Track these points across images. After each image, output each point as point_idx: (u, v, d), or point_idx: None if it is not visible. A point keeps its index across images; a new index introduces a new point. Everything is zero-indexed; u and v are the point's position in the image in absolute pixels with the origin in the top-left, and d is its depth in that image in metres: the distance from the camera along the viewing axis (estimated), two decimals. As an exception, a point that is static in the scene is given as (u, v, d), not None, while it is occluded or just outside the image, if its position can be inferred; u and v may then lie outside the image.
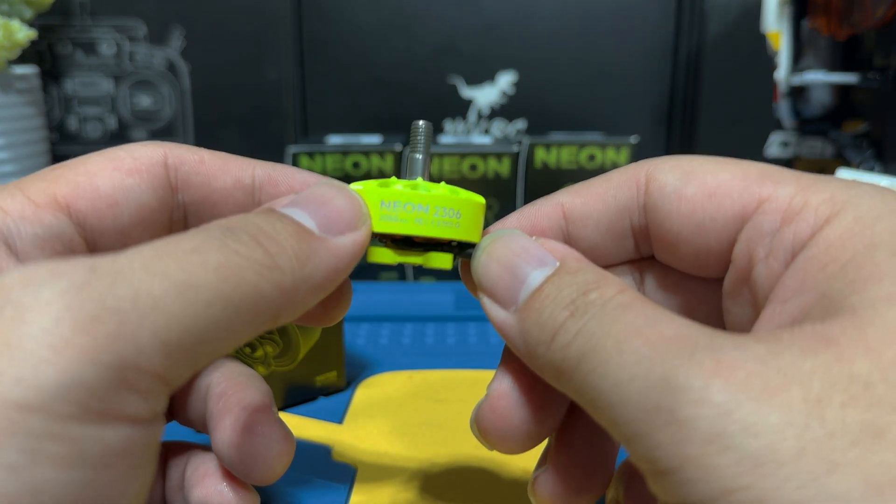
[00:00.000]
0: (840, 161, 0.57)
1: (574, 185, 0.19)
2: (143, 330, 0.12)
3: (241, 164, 0.20)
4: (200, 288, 0.13)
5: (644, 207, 0.18)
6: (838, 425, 0.11)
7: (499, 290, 0.17)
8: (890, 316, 0.12)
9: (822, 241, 0.14)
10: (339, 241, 0.16)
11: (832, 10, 0.46)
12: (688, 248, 0.18)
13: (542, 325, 0.15)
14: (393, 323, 0.43)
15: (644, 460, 0.13)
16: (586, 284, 0.15)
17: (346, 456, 0.29)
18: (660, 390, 0.12)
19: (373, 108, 0.64)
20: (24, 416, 0.11)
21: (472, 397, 0.33)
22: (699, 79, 0.62)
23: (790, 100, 0.51)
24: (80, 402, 0.11)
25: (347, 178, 0.51)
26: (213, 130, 0.64)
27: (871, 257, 0.13)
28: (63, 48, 0.62)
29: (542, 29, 0.63)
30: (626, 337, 0.14)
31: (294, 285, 0.15)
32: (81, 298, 0.12)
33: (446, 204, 0.18)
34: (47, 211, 0.17)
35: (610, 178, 0.19)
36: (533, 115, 0.65)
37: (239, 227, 0.15)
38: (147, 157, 0.19)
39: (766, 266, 0.16)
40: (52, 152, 0.62)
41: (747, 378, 0.12)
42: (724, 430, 0.12)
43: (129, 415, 0.12)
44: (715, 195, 0.17)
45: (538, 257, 0.17)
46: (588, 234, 0.19)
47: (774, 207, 0.16)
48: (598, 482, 0.19)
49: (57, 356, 0.11)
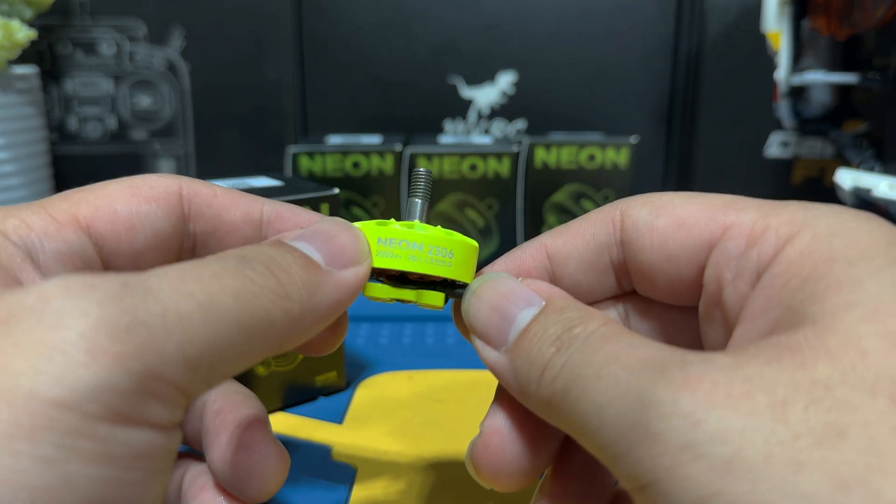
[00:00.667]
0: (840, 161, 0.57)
1: (556, 228, 0.21)
2: (169, 344, 0.13)
3: (251, 200, 0.21)
4: (221, 311, 0.14)
5: (621, 242, 0.19)
6: (802, 427, 0.12)
7: (489, 332, 0.18)
8: (847, 321, 0.13)
9: (784, 260, 0.15)
10: (343, 275, 0.17)
11: (832, 10, 0.46)
12: (662, 277, 0.18)
13: (531, 362, 0.16)
14: (393, 323, 0.43)
15: (627, 479, 0.13)
16: (570, 321, 0.16)
17: (346, 456, 0.29)
18: (636, 408, 0.13)
19: (373, 108, 0.64)
20: (60, 414, 0.12)
21: (472, 397, 0.33)
22: (699, 79, 0.62)
23: (790, 100, 0.51)
24: (110, 404, 0.12)
25: (347, 178, 0.51)
26: (213, 130, 0.64)
27: (829, 270, 0.14)
28: (63, 48, 0.62)
29: (542, 29, 0.63)
30: (605, 363, 0.14)
31: (302, 314, 0.16)
32: (116, 310, 0.13)
33: (440, 244, 0.19)
34: (69, 229, 0.18)
35: (588, 217, 0.20)
36: (533, 115, 0.65)
37: (252, 256, 0.16)
38: (163, 186, 0.20)
39: (734, 288, 0.16)
40: (52, 152, 0.62)
41: (713, 388, 0.13)
42: (694, 440, 0.12)
43: (152, 421, 0.13)
44: (684, 225, 0.18)
45: (525, 298, 0.17)
46: (571, 273, 0.20)
47: (738, 232, 0.17)
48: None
49: (92, 360, 0.12)
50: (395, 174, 0.51)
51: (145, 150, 0.65)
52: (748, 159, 0.63)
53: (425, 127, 0.64)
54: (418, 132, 0.63)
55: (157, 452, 0.13)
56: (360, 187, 0.52)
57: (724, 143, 0.63)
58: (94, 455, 0.12)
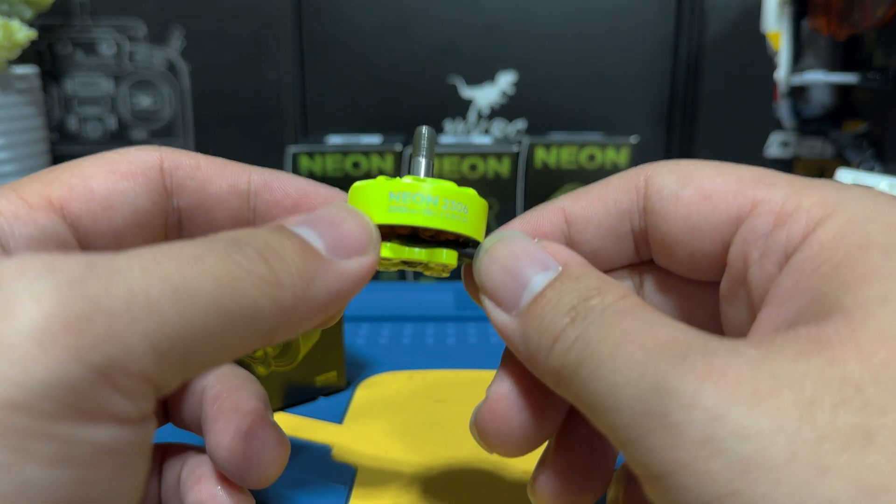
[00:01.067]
0: (840, 161, 0.57)
1: (575, 191, 0.20)
2: (134, 332, 0.12)
3: (237, 169, 0.20)
4: (198, 295, 0.13)
5: (643, 210, 0.18)
6: (829, 429, 0.11)
7: (501, 293, 0.17)
8: (881, 317, 0.12)
9: (815, 243, 0.14)
10: (345, 265, 0.16)
11: (832, 10, 0.46)
12: (685, 250, 0.18)
13: (543, 330, 0.15)
14: (393, 323, 0.43)
15: (639, 465, 0.13)
16: (588, 291, 0.15)
17: (346, 456, 0.29)
18: (652, 394, 0.13)
19: (373, 108, 0.64)
20: (11, 415, 0.11)
21: (472, 397, 0.33)
22: (699, 79, 0.62)
23: (790, 100, 0.51)
24: (67, 401, 0.11)
25: (347, 178, 0.51)
26: (213, 130, 0.64)
27: (862, 258, 0.13)
28: (63, 48, 0.62)
29: (542, 29, 0.63)
30: (622, 342, 0.14)
31: (294, 304, 0.15)
32: (74, 295, 0.12)
33: (454, 197, 0.18)
34: (41, 212, 0.17)
35: (610, 182, 0.19)
36: (533, 115, 0.65)
37: (245, 240, 0.14)
38: (142, 160, 0.19)
39: (760, 268, 0.16)
40: (52, 152, 0.62)
41: (738, 382, 0.12)
42: (714, 435, 0.12)
43: (116, 415, 0.12)
44: (710, 198, 0.17)
45: (541, 261, 0.17)
46: (589, 238, 0.19)
47: (768, 210, 0.16)
48: (598, 483, 0.19)
49: (44, 354, 0.11)
50: (395, 174, 0.51)
51: (145, 150, 0.64)
52: (748, 159, 0.62)
53: (425, 127, 0.64)
54: (418, 132, 0.63)
55: (125, 447, 0.12)
56: (360, 187, 0.52)
57: (724, 143, 0.63)
58: (53, 456, 0.11)
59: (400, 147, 0.51)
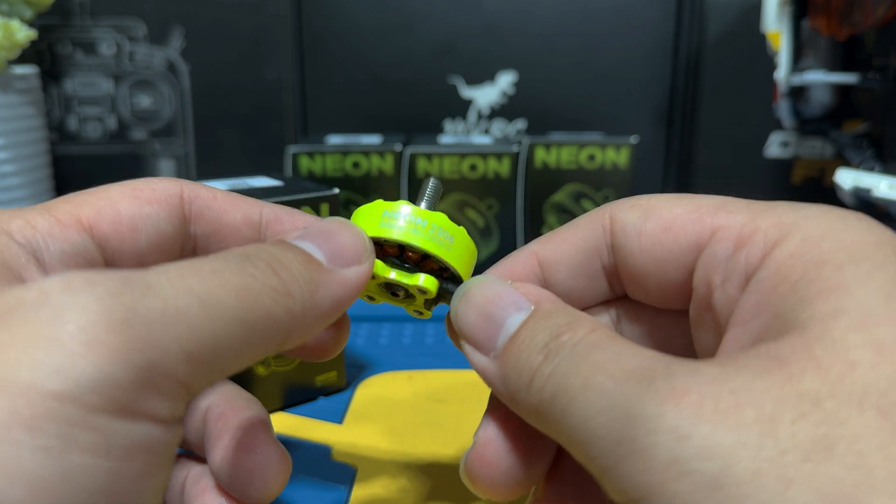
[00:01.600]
0: (840, 161, 0.57)
1: (544, 235, 0.20)
2: (168, 338, 0.13)
3: (251, 203, 0.21)
4: (221, 306, 0.14)
5: (611, 247, 0.19)
6: (790, 442, 0.12)
7: (478, 337, 0.18)
8: (835, 330, 0.13)
9: (773, 263, 0.15)
10: (345, 273, 0.17)
11: (832, 10, 0.46)
12: (652, 281, 0.18)
13: (520, 370, 0.16)
14: (393, 323, 0.43)
15: (617, 492, 0.13)
16: (559, 328, 0.16)
17: (346, 456, 0.29)
18: (622, 421, 0.13)
19: (373, 108, 0.64)
20: (60, 405, 0.12)
21: (472, 397, 0.33)
22: (699, 79, 0.62)
23: (790, 100, 0.51)
24: (110, 396, 0.12)
25: (347, 178, 0.51)
26: (213, 130, 0.64)
27: (818, 274, 0.14)
28: (63, 48, 0.62)
29: (542, 29, 0.63)
30: (592, 373, 0.14)
31: (303, 312, 0.16)
32: (115, 304, 0.13)
33: (443, 225, 0.19)
34: (73, 230, 0.18)
35: (577, 223, 0.20)
36: (533, 115, 0.65)
37: (255, 254, 0.16)
38: (165, 188, 0.20)
39: (723, 291, 0.16)
40: (52, 152, 0.62)
41: (700, 401, 0.12)
42: (680, 456, 0.12)
43: (153, 414, 0.13)
44: (671, 228, 0.18)
45: (514, 301, 0.17)
46: (562, 279, 0.20)
47: (727, 235, 0.16)
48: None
49: (91, 352, 0.12)
50: (395, 174, 0.51)
51: (145, 150, 0.65)
52: (748, 159, 0.63)
53: (425, 127, 0.64)
54: (418, 132, 0.63)
55: (158, 446, 0.13)
56: (360, 187, 0.52)
57: (724, 143, 0.63)
58: (94, 446, 0.12)
59: (400, 147, 0.51)
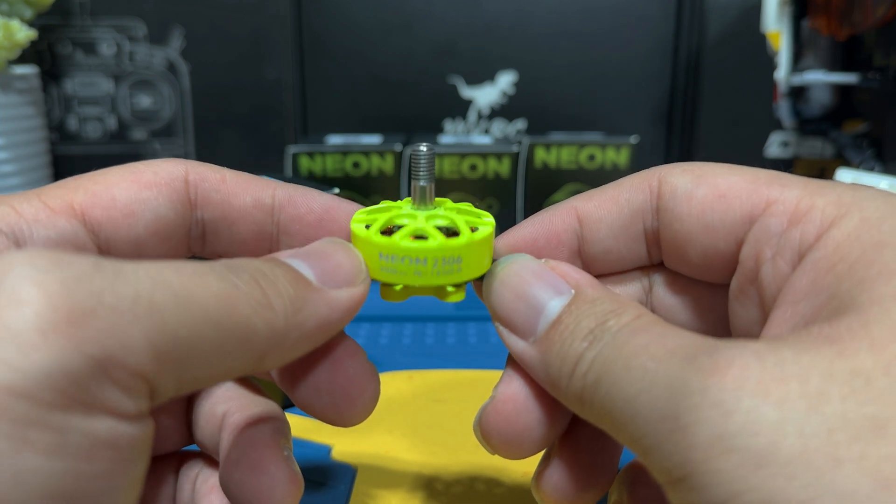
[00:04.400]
0: (840, 161, 0.57)
1: (588, 191, 0.20)
2: (135, 331, 0.12)
3: (262, 184, 0.20)
4: (198, 306, 0.13)
5: (656, 210, 0.19)
6: (839, 420, 0.11)
7: (516, 320, 0.17)
8: None
9: (830, 242, 0.14)
10: (335, 294, 0.16)
11: (832, 10, 0.46)
12: (697, 249, 0.18)
13: (563, 356, 0.16)
14: (393, 323, 0.43)
15: (660, 471, 0.13)
16: (604, 314, 0.15)
17: (346, 456, 0.29)
18: (665, 399, 0.13)
19: (373, 108, 0.64)
20: (9, 400, 0.11)
21: (472, 397, 0.33)
22: (699, 79, 0.62)
23: (790, 100, 0.51)
24: (65, 390, 0.11)
25: (347, 178, 0.51)
26: (213, 130, 0.64)
27: (879, 256, 0.13)
28: (63, 48, 0.62)
29: (542, 29, 0.63)
30: (635, 355, 0.14)
31: (285, 329, 0.15)
32: (80, 289, 0.12)
33: (446, 254, 0.18)
34: (62, 217, 0.18)
35: (622, 182, 0.19)
36: (533, 115, 0.65)
37: (241, 266, 0.15)
38: (167, 171, 0.19)
39: (772, 266, 0.16)
40: (52, 152, 0.62)
41: (743, 374, 0.12)
42: (724, 432, 0.12)
43: (113, 409, 0.12)
44: (725, 196, 0.17)
45: (552, 284, 0.17)
46: (601, 238, 0.19)
47: (781, 209, 0.16)
48: (603, 480, 0.19)
49: (45, 342, 0.11)
50: (395, 174, 0.51)
51: (145, 150, 0.65)
52: (748, 159, 0.63)
53: (425, 127, 0.64)
54: (418, 132, 0.63)
55: (121, 442, 0.12)
56: (360, 187, 0.52)
57: (724, 143, 0.63)
58: (49, 446, 0.11)
59: (400, 147, 0.51)
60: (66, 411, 0.11)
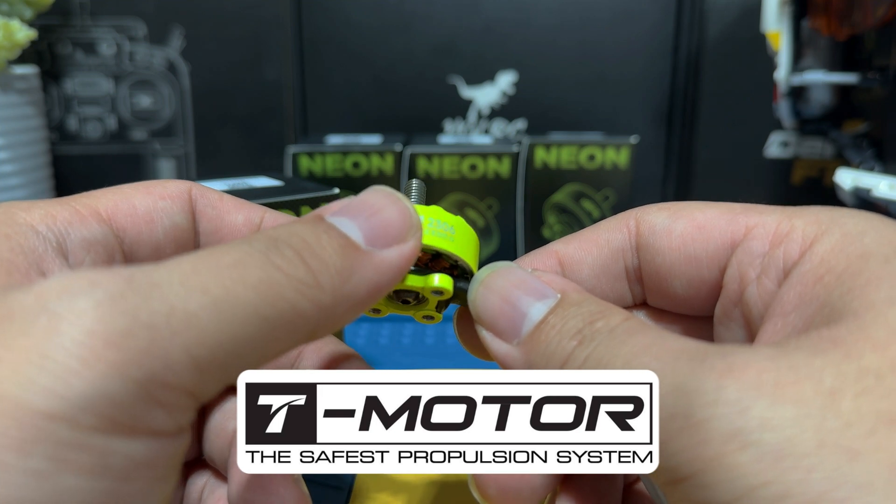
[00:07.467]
0: (840, 161, 0.57)
1: (566, 236, 0.20)
2: (174, 346, 0.12)
3: (255, 208, 0.21)
4: (238, 305, 0.13)
5: (636, 247, 0.19)
6: (854, 415, 0.12)
7: (500, 324, 0.17)
8: (892, 316, 0.13)
9: (815, 256, 0.15)
10: (384, 255, 0.16)
11: (832, 10, 0.46)
12: (681, 280, 0.18)
13: (549, 356, 0.16)
14: (393, 323, 0.43)
15: (664, 470, 0.13)
16: (591, 314, 0.16)
17: (346, 456, 0.29)
18: (674, 397, 0.13)
19: (373, 108, 0.64)
20: (50, 425, 0.11)
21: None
22: (699, 79, 0.62)
23: (790, 100, 0.51)
24: (106, 414, 0.12)
25: (347, 178, 0.51)
26: (213, 130, 0.64)
27: (865, 265, 0.14)
28: (63, 48, 0.62)
29: (542, 29, 0.63)
30: (635, 355, 0.14)
31: (334, 303, 0.15)
32: (115, 311, 0.12)
33: (441, 218, 0.18)
34: (92, 220, 0.18)
35: (600, 225, 0.20)
36: (533, 115, 0.65)
37: (284, 239, 0.15)
38: (175, 186, 0.20)
39: (758, 286, 0.16)
40: (52, 152, 0.62)
41: (759, 376, 0.12)
42: (742, 428, 0.12)
43: (155, 429, 0.12)
44: (704, 228, 0.18)
45: (538, 290, 0.17)
46: (583, 278, 0.20)
47: (762, 233, 0.17)
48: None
49: (86, 369, 0.11)
50: (395, 174, 0.51)
51: (145, 150, 0.65)
52: (748, 159, 0.63)
53: (425, 127, 0.64)
54: (418, 132, 0.63)
55: (160, 461, 0.13)
56: (360, 187, 0.52)
57: (724, 143, 0.63)
58: (89, 467, 0.11)
59: (400, 147, 0.51)
60: (108, 434, 0.12)
